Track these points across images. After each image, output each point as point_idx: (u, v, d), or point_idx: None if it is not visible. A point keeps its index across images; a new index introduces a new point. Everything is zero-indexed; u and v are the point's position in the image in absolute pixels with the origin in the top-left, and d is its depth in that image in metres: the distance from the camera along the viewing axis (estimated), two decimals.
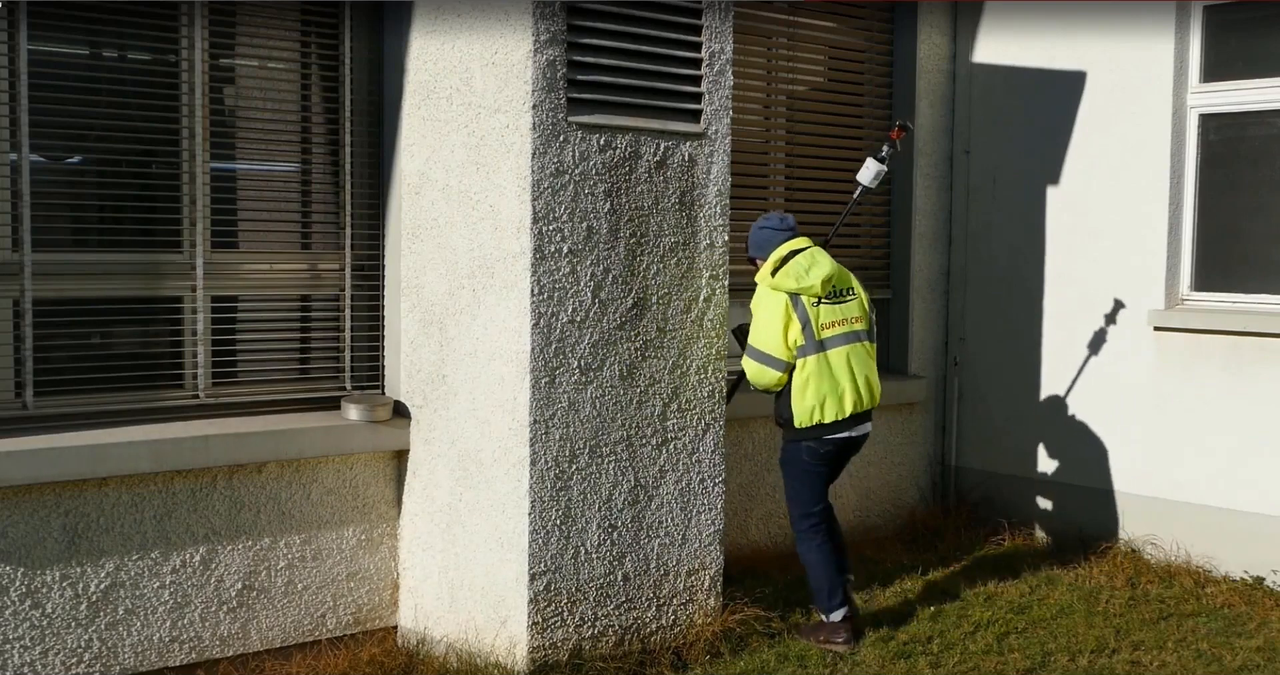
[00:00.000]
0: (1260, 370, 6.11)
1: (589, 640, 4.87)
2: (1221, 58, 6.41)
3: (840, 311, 5.08)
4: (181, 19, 4.78)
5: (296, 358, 5.21)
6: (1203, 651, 5.22)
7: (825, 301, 5.05)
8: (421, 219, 5.10)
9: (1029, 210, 7.02)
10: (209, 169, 4.87)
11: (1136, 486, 6.56)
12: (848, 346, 5.06)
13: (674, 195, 5.03)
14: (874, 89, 7.17)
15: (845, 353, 5.05)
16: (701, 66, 5.07)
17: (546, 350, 4.70)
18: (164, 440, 4.59)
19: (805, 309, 5.01)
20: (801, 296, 5.02)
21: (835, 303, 5.08)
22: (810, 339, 5.01)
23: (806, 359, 5.01)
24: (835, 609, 5.16)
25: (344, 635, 5.09)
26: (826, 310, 5.05)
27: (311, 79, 5.19)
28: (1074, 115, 6.81)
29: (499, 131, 4.72)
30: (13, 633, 4.35)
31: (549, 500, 4.73)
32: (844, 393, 5.04)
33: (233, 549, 4.81)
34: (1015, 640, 5.30)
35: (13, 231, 4.47)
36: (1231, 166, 6.42)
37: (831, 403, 5.03)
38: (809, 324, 5.00)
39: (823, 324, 5.02)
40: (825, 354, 5.02)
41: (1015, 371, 7.08)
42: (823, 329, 5.02)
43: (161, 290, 4.83)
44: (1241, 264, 6.41)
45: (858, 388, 5.07)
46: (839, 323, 5.06)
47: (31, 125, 4.46)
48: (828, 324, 5.04)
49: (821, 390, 5.02)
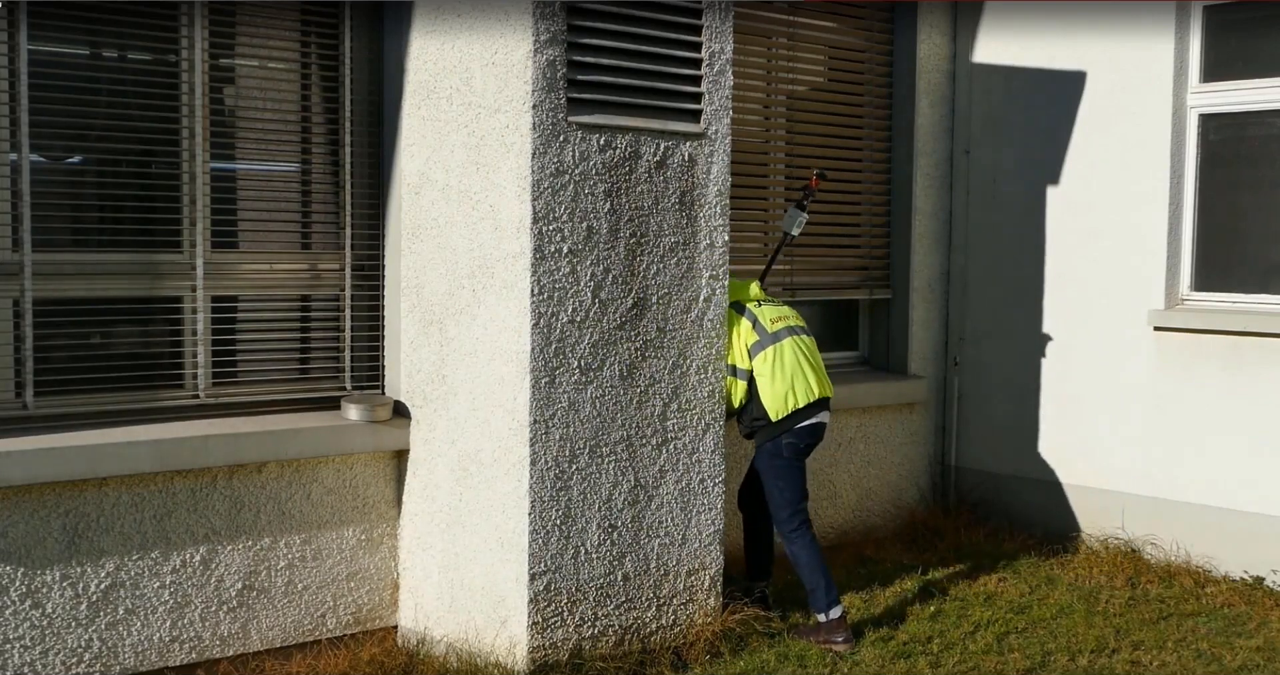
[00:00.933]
0: (1260, 370, 6.11)
1: (589, 640, 4.87)
2: (1221, 58, 6.41)
3: (779, 311, 5.49)
4: (181, 19, 4.78)
5: (296, 358, 5.21)
6: (1203, 651, 5.22)
7: (765, 304, 5.49)
8: (421, 219, 5.10)
9: (1029, 210, 7.02)
10: (209, 169, 4.87)
11: (1136, 486, 6.56)
12: (792, 337, 5.41)
13: (674, 195, 5.03)
14: (874, 89, 7.17)
15: (792, 342, 5.40)
16: (701, 66, 5.07)
17: (546, 350, 4.70)
18: (164, 440, 4.59)
19: (750, 310, 5.42)
20: (744, 304, 5.44)
21: (774, 304, 5.53)
22: (763, 334, 5.37)
23: (765, 351, 5.34)
24: (832, 606, 5.20)
25: (344, 635, 5.09)
26: (768, 309, 5.46)
27: (311, 79, 5.19)
28: (1074, 115, 6.81)
29: (499, 131, 4.72)
30: (13, 632, 4.35)
31: (549, 500, 4.73)
32: (805, 376, 5.37)
33: (233, 549, 4.81)
34: (1015, 640, 5.30)
35: (13, 231, 4.47)
36: (1231, 166, 6.42)
37: (800, 385, 5.34)
38: (758, 321, 5.39)
39: (770, 319, 5.41)
40: (779, 343, 5.37)
41: (1015, 371, 7.08)
42: (771, 323, 5.41)
43: (161, 290, 4.84)
44: (1241, 264, 6.41)
45: (814, 372, 5.42)
46: (780, 318, 5.45)
47: (31, 125, 4.47)
48: (774, 318, 5.43)
49: (787, 375, 5.33)
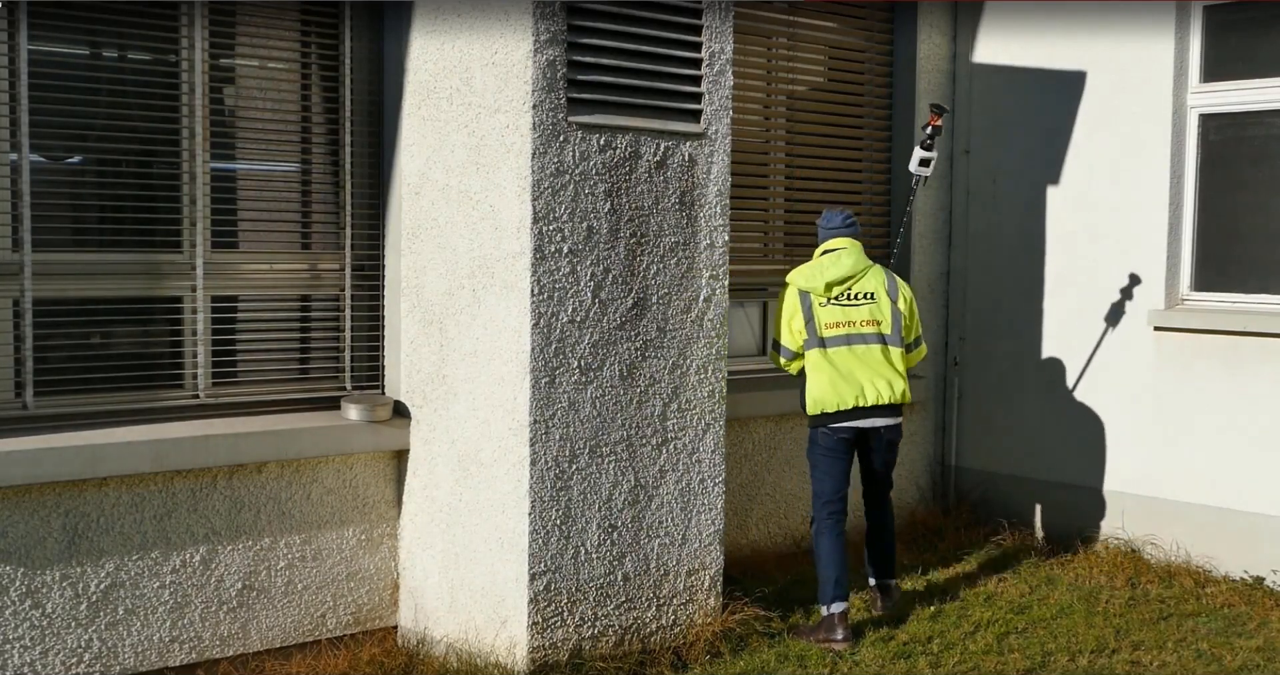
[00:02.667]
0: (1260, 370, 6.11)
1: (589, 640, 4.87)
2: (1221, 58, 6.41)
3: (846, 313, 5.33)
4: (181, 19, 4.78)
5: (296, 358, 5.21)
6: (1203, 651, 5.22)
7: (833, 303, 5.33)
8: (421, 219, 5.10)
9: (1029, 210, 7.02)
10: (209, 169, 4.87)
11: (1136, 486, 6.56)
12: (848, 347, 5.31)
13: (674, 195, 5.03)
14: (874, 89, 7.17)
15: (846, 352, 5.31)
16: (701, 66, 5.07)
17: (546, 350, 4.70)
18: (164, 440, 4.59)
19: (811, 307, 5.33)
20: (810, 294, 5.33)
21: (845, 305, 5.34)
22: (812, 334, 5.32)
23: (809, 352, 5.33)
24: (835, 601, 5.21)
25: (344, 635, 5.09)
26: (831, 311, 5.32)
27: (311, 79, 5.19)
28: (1074, 115, 6.81)
29: (499, 131, 4.72)
30: (13, 633, 4.35)
31: (549, 500, 4.73)
32: (843, 388, 5.28)
33: (233, 549, 4.81)
34: (1015, 640, 5.30)
35: (13, 231, 4.47)
36: (1231, 166, 6.42)
37: (832, 396, 5.29)
38: (811, 321, 5.31)
39: (825, 323, 5.31)
40: (825, 351, 5.30)
41: (1015, 371, 7.08)
42: (825, 328, 5.31)
43: (161, 290, 4.84)
44: (1241, 264, 6.41)
45: (864, 382, 5.29)
46: (842, 324, 5.32)
47: (31, 125, 4.47)
48: (830, 324, 5.31)
49: (821, 383, 5.30)
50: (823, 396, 5.29)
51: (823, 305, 5.30)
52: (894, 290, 5.42)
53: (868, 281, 5.37)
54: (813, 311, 5.30)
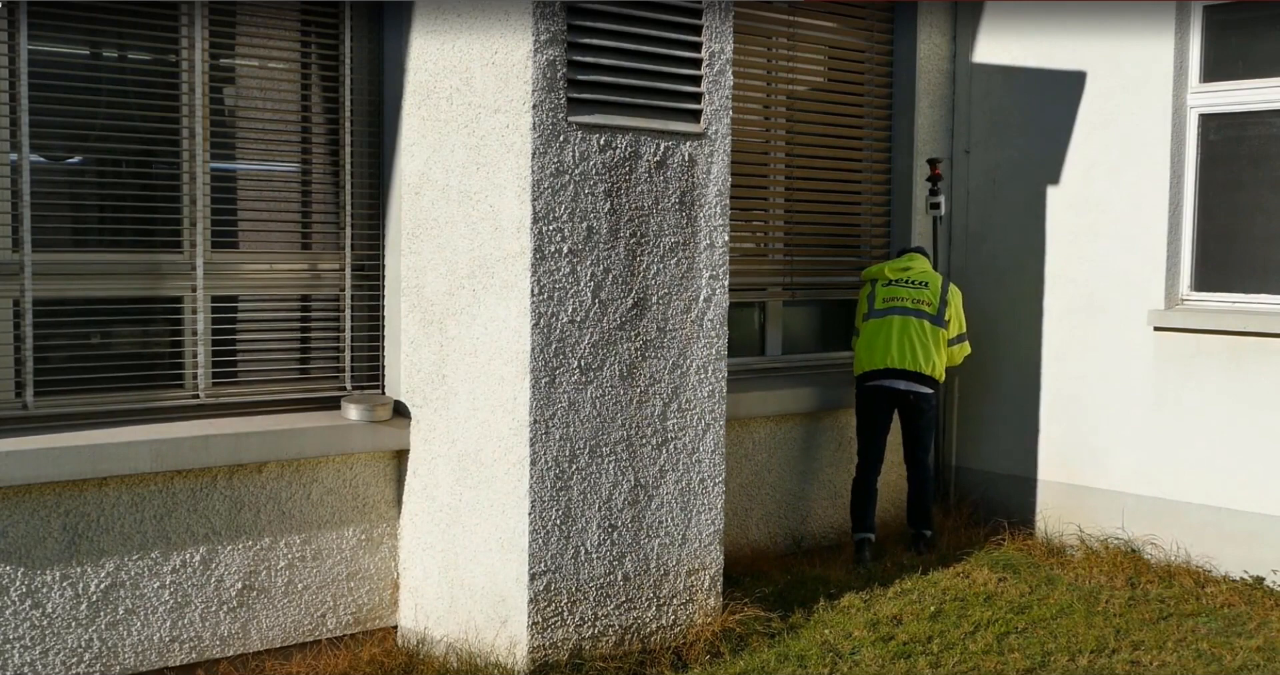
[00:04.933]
0: (1260, 370, 6.11)
1: (589, 640, 4.87)
2: (1221, 58, 6.41)
3: (897, 292, 6.41)
4: (181, 19, 4.78)
5: (296, 357, 5.22)
6: (1203, 651, 5.22)
7: (893, 284, 6.43)
8: (421, 219, 5.10)
9: (1029, 210, 7.02)
10: (209, 169, 4.87)
11: (1136, 486, 6.56)
12: (896, 316, 6.35)
13: (674, 195, 5.03)
14: (874, 89, 7.17)
15: (892, 319, 6.35)
16: (701, 66, 5.07)
17: (546, 350, 4.70)
18: (164, 440, 4.59)
19: (875, 289, 6.48)
20: (876, 281, 6.49)
21: (899, 286, 6.42)
22: (871, 307, 6.45)
23: (869, 321, 6.42)
24: (854, 531, 6.45)
25: (344, 635, 5.09)
26: (888, 290, 6.43)
27: (311, 79, 5.19)
28: (1074, 115, 6.81)
29: (499, 131, 4.72)
30: (13, 633, 4.35)
31: (549, 500, 4.73)
32: (877, 349, 6.34)
33: (233, 549, 4.81)
34: (1015, 640, 5.30)
35: (13, 231, 4.47)
36: (1231, 166, 6.42)
37: (865, 355, 6.40)
38: (872, 298, 6.47)
39: (881, 299, 6.43)
40: (873, 320, 6.40)
41: (1015, 371, 7.09)
42: (880, 302, 6.42)
43: (161, 290, 4.84)
44: (1241, 264, 6.41)
45: (893, 346, 6.31)
46: (896, 299, 6.40)
47: (31, 125, 4.47)
48: (887, 299, 6.42)
49: (861, 345, 6.44)
50: (860, 356, 6.41)
51: (884, 285, 6.42)
52: (945, 288, 6.44)
53: (924, 276, 6.45)
54: (875, 292, 6.43)
